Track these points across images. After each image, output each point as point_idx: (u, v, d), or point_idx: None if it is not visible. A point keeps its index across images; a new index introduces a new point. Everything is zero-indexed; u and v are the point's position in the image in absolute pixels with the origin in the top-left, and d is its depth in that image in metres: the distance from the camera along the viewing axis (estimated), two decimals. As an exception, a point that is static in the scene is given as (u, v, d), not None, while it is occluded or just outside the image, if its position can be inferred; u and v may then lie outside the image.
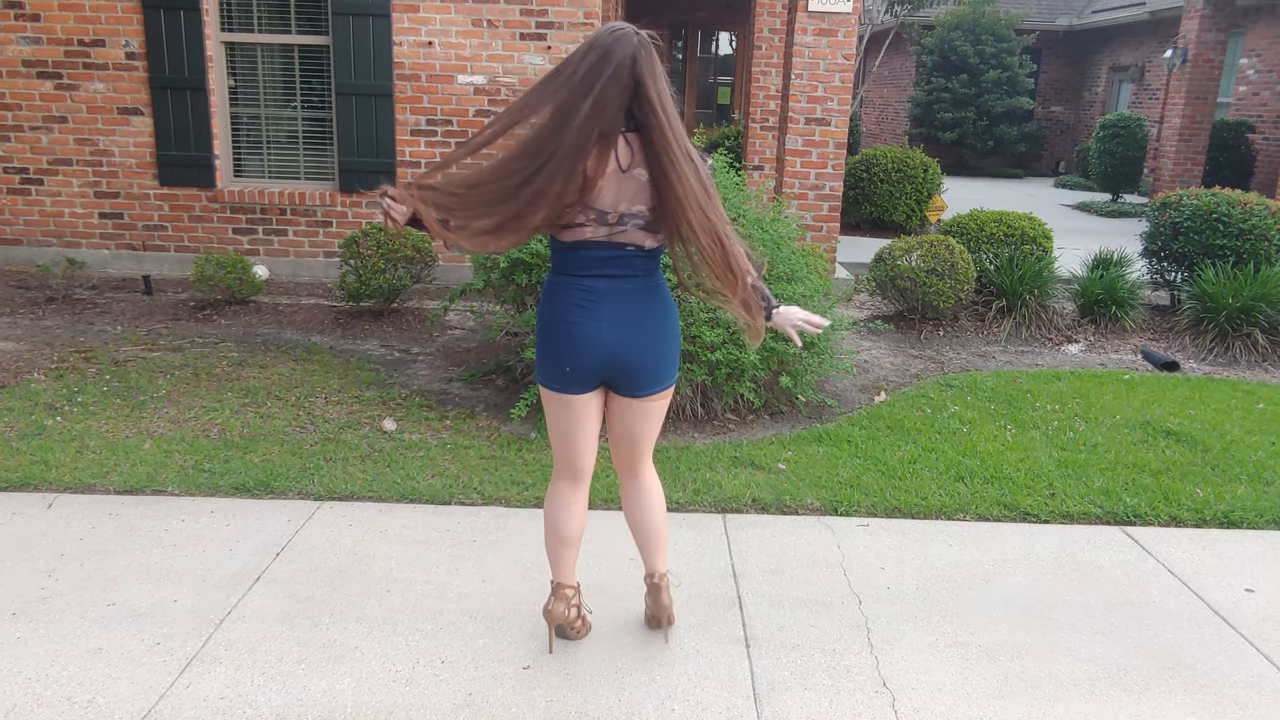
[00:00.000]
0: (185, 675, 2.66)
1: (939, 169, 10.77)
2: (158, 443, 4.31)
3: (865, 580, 3.33)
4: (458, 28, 7.09)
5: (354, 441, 4.39)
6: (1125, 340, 6.73)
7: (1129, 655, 2.93)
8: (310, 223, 7.48)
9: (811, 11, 7.09)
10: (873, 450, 4.47)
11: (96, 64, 7.17)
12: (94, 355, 5.51)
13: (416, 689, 2.63)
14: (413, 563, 3.33)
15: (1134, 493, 4.10)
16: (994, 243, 7.08)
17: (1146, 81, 18.21)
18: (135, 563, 3.28)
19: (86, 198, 7.44)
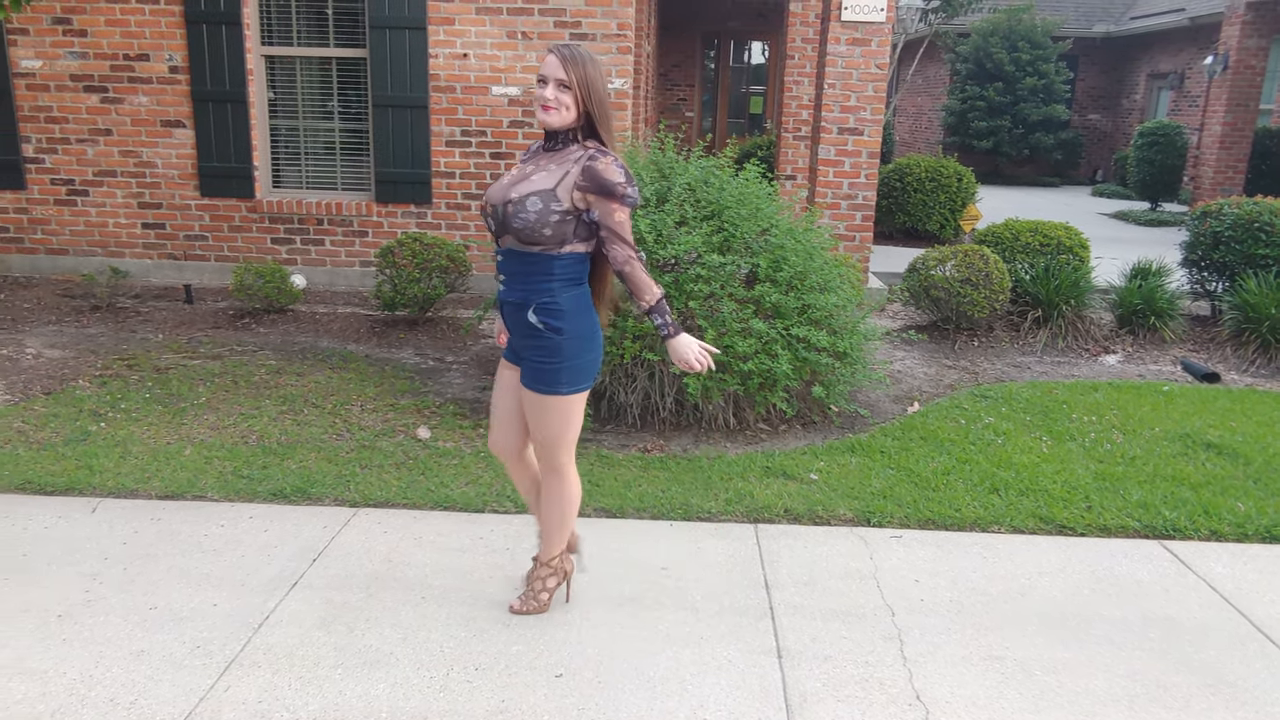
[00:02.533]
0: (225, 678, 2.71)
1: (974, 178, 10.69)
2: (198, 449, 4.38)
3: (898, 592, 3.31)
4: (492, 40, 7.17)
5: (389, 449, 4.45)
6: (1164, 351, 6.64)
7: (1168, 672, 2.88)
8: (346, 232, 7.58)
9: (845, 21, 7.09)
10: (906, 461, 4.44)
11: (141, 78, 7.33)
12: (137, 362, 5.62)
13: (450, 695, 2.66)
14: (447, 570, 3.36)
15: (1173, 506, 4.04)
16: (1029, 252, 7.02)
17: (1186, 88, 17.95)
18: (176, 567, 3.34)
19: (130, 208, 7.60)
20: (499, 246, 2.77)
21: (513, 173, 2.77)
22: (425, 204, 7.50)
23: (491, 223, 2.74)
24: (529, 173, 2.72)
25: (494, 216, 2.72)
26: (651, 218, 4.56)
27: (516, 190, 2.68)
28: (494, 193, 2.75)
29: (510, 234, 2.69)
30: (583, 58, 2.64)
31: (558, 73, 2.61)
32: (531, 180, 2.68)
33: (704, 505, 3.92)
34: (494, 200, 2.73)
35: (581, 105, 2.66)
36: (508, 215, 2.67)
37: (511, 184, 2.72)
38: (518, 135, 7.32)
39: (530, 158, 2.80)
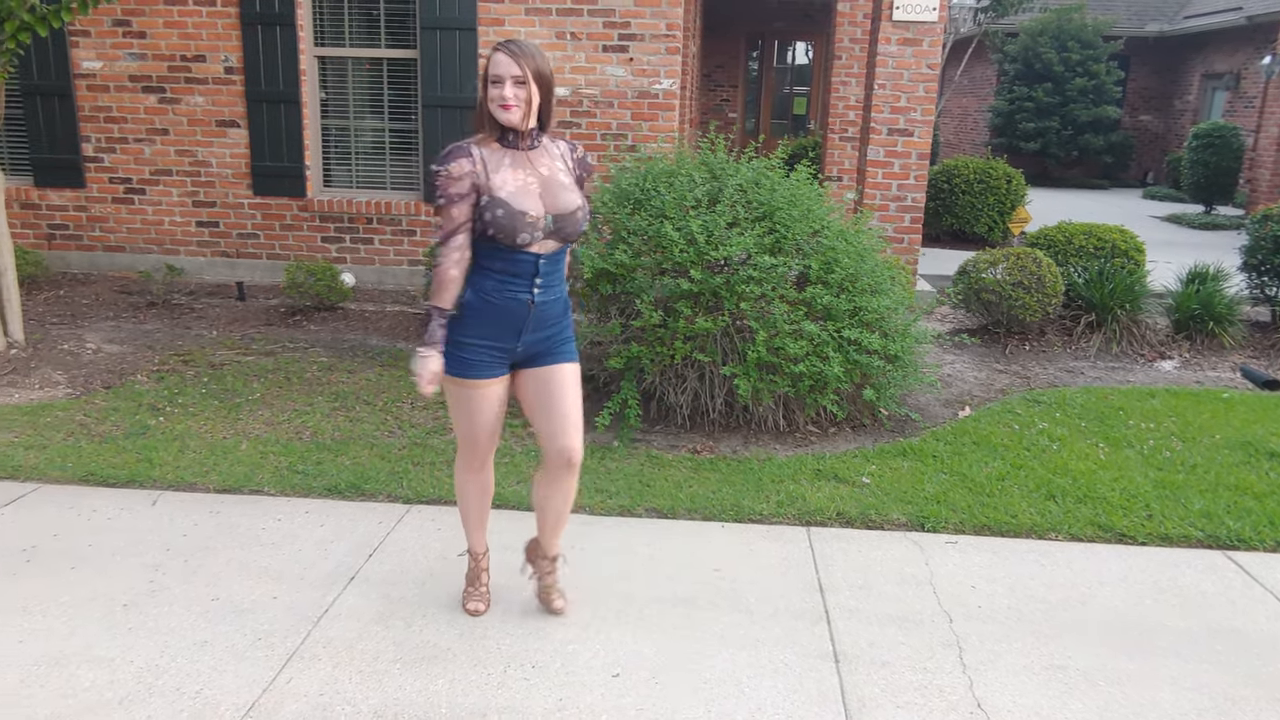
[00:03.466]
0: (286, 671, 2.75)
1: (1023, 180, 10.54)
2: (254, 444, 4.45)
3: (955, 598, 3.27)
4: (541, 40, 7.20)
5: (440, 446, 4.48)
6: (1223, 357, 6.49)
7: (1237, 685, 2.82)
8: (395, 231, 7.66)
9: (896, 21, 7.02)
10: (959, 466, 4.39)
11: (197, 79, 7.47)
12: (192, 358, 5.72)
13: (508, 692, 2.67)
14: (500, 568, 3.37)
15: (1237, 516, 3.95)
16: (1083, 256, 6.91)
17: (1242, 89, 17.55)
18: (236, 560, 3.39)
19: (185, 207, 7.74)
20: (537, 254, 2.69)
21: (517, 177, 2.66)
22: (473, 204, 7.53)
23: (539, 232, 2.65)
24: (546, 175, 2.71)
25: (546, 226, 2.66)
26: (703, 219, 4.55)
27: (566, 198, 2.70)
28: (540, 203, 2.65)
29: (559, 238, 2.71)
30: (531, 50, 2.63)
31: (512, 69, 2.58)
32: (562, 184, 2.72)
33: (755, 507, 3.90)
34: (560, 211, 2.68)
35: (538, 97, 2.65)
36: (573, 222, 2.70)
37: (545, 190, 2.68)
38: (566, 135, 7.34)
39: (514, 161, 2.68)
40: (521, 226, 2.62)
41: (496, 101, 2.61)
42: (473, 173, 2.61)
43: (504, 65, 2.59)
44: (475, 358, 2.75)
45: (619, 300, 4.77)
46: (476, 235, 2.66)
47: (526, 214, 2.63)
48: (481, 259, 2.70)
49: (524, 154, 2.71)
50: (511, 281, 2.70)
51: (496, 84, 2.60)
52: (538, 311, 2.76)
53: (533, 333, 2.79)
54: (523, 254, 2.68)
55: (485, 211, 2.62)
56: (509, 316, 2.73)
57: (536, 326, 2.78)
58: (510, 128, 2.66)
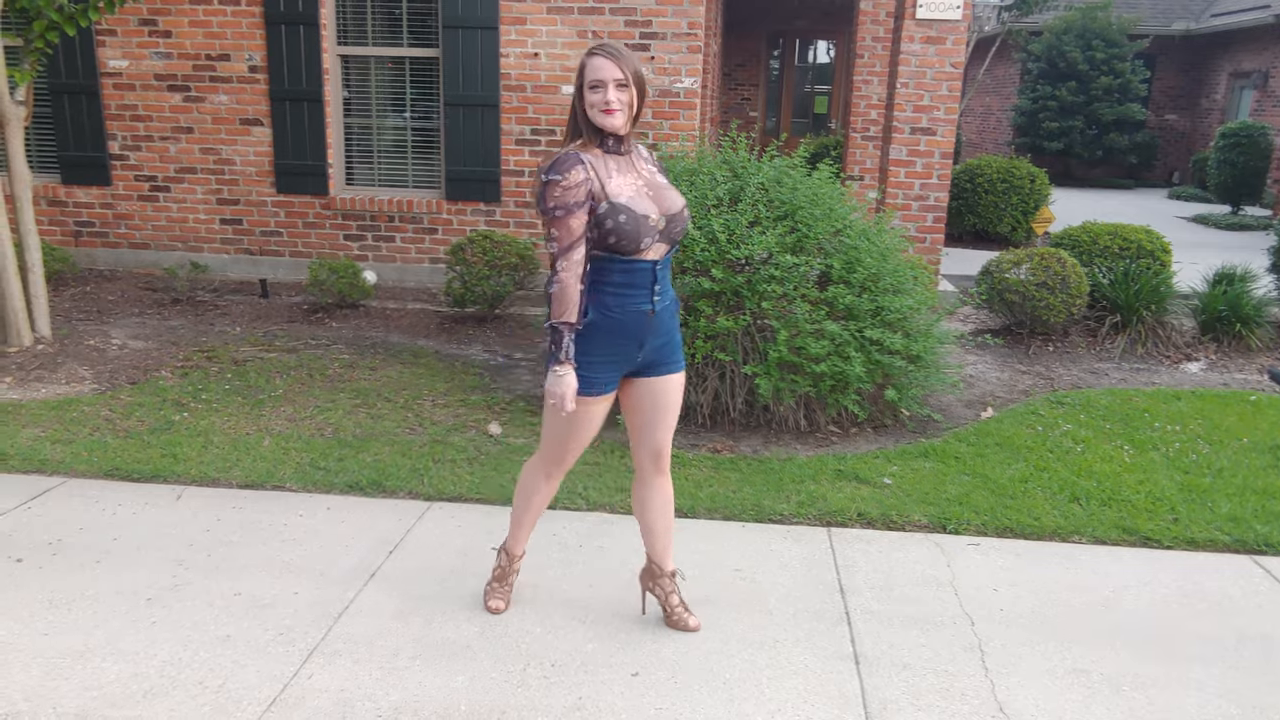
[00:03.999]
0: (307, 666, 2.76)
1: (1046, 179, 10.45)
2: (276, 440, 4.48)
3: (977, 601, 3.24)
4: (563, 39, 7.21)
5: (461, 444, 4.49)
6: (1250, 359, 6.41)
7: (1265, 692, 2.78)
8: (417, 230, 7.69)
9: (920, 19, 6.97)
10: (981, 467, 4.35)
11: (222, 77, 7.52)
12: (216, 355, 5.76)
13: (528, 691, 2.67)
14: (521, 566, 3.37)
15: (1265, 520, 3.89)
16: (1108, 256, 6.84)
17: (1271, 88, 17.31)
18: (258, 555, 3.41)
19: (209, 204, 7.80)
20: (650, 259, 2.63)
21: (628, 182, 2.60)
22: (494, 202, 7.57)
23: (655, 235, 2.59)
24: (649, 178, 2.65)
25: (660, 229, 2.60)
26: (725, 218, 4.54)
27: (672, 198, 2.65)
28: (652, 206, 2.59)
29: (668, 240, 2.65)
30: (627, 51, 2.56)
31: (614, 73, 2.51)
32: (664, 184, 2.67)
33: (776, 507, 3.89)
34: (670, 211, 2.63)
35: (637, 101, 2.58)
36: (680, 221, 2.66)
37: (654, 192, 2.62)
38: (586, 134, 7.33)
39: (619, 165, 2.62)
40: (645, 230, 2.55)
41: (599, 106, 2.53)
42: (588, 180, 2.52)
43: (605, 69, 2.51)
44: (597, 375, 2.67)
45: (639, 299, 4.76)
46: (598, 248, 2.58)
47: (649, 217, 2.56)
48: (596, 275, 2.61)
49: (626, 158, 2.64)
50: (631, 293, 2.63)
51: (597, 89, 2.52)
52: (656, 319, 2.70)
53: (653, 341, 2.73)
54: (640, 262, 2.60)
55: (606, 219, 2.53)
56: (632, 330, 2.66)
57: (655, 334, 2.73)
58: (612, 133, 2.58)
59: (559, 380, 2.61)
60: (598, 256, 2.59)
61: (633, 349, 2.70)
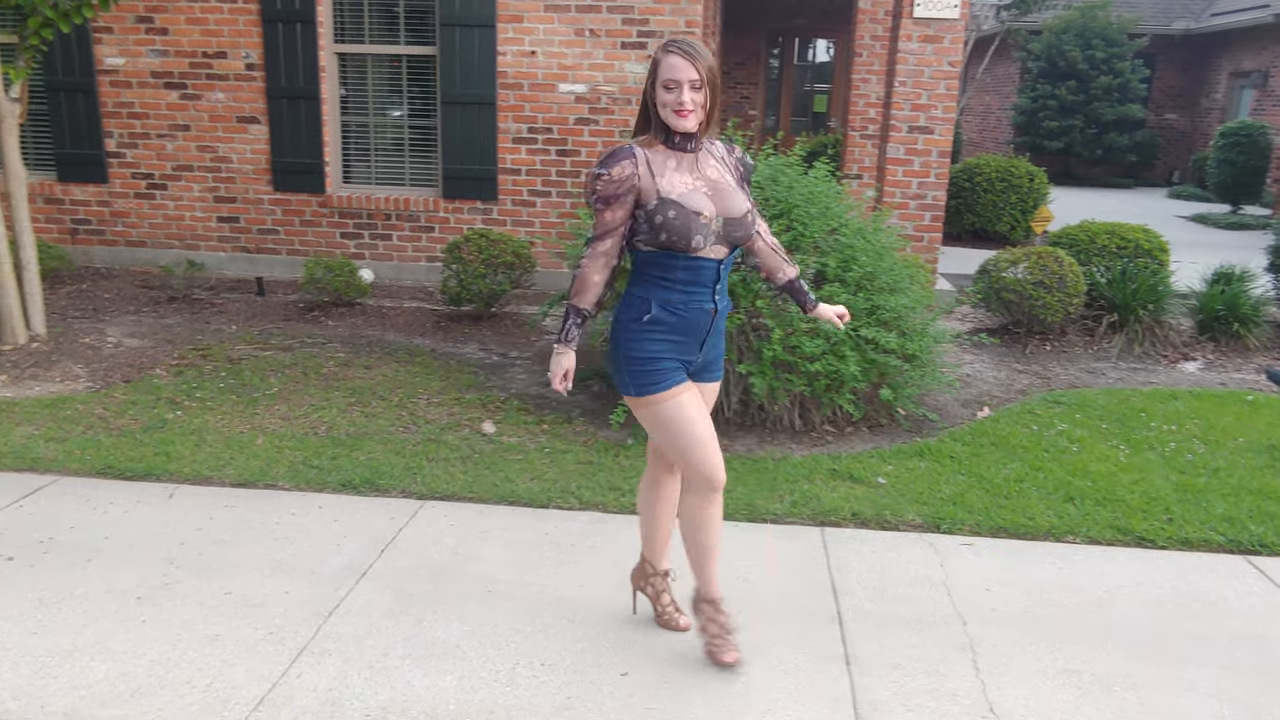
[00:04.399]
0: (296, 665, 2.75)
1: (1045, 179, 10.43)
2: (270, 439, 4.47)
3: (970, 601, 3.23)
4: (560, 37, 7.19)
5: (455, 443, 4.48)
6: (1248, 359, 6.40)
7: (1257, 693, 2.77)
8: (414, 228, 7.67)
9: (917, 18, 6.96)
10: (976, 467, 4.34)
11: (218, 75, 7.51)
12: (211, 353, 5.76)
13: (517, 690, 2.67)
14: (512, 564, 3.37)
15: (1260, 520, 3.88)
16: (1106, 255, 6.82)
17: (1270, 87, 17.29)
18: (249, 554, 3.41)
19: (206, 202, 7.79)
20: (712, 258, 2.56)
21: (685, 180, 2.53)
22: (491, 200, 7.56)
23: (711, 235, 2.53)
24: (714, 179, 2.58)
25: (717, 230, 2.54)
26: (719, 216, 4.52)
27: (735, 201, 2.57)
28: (712, 204, 2.53)
29: (728, 243, 2.58)
30: (702, 49, 2.47)
31: (689, 73, 2.43)
32: (730, 186, 2.59)
33: (769, 507, 3.88)
34: (731, 214, 2.56)
35: (711, 100, 2.50)
36: (743, 226, 2.58)
37: (714, 193, 2.55)
38: (583, 133, 7.33)
39: (680, 164, 2.55)
40: (696, 228, 2.49)
41: (671, 107, 2.46)
42: (634, 175, 2.49)
43: (681, 68, 2.43)
44: (665, 367, 2.61)
45: (634, 298, 4.75)
46: (649, 245, 2.53)
47: (700, 214, 2.50)
48: (660, 271, 2.55)
49: (691, 156, 2.57)
50: (696, 291, 2.57)
51: (671, 88, 2.45)
52: (718, 319, 2.65)
53: (709, 341, 2.67)
54: (704, 260, 2.55)
55: (655, 215, 2.48)
56: (694, 328, 2.61)
57: (713, 335, 2.67)
58: (681, 132, 2.52)
59: (556, 359, 2.64)
60: (657, 254, 2.54)
61: (694, 349, 2.65)
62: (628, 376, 2.62)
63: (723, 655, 2.77)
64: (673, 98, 2.45)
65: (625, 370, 2.62)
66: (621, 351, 2.62)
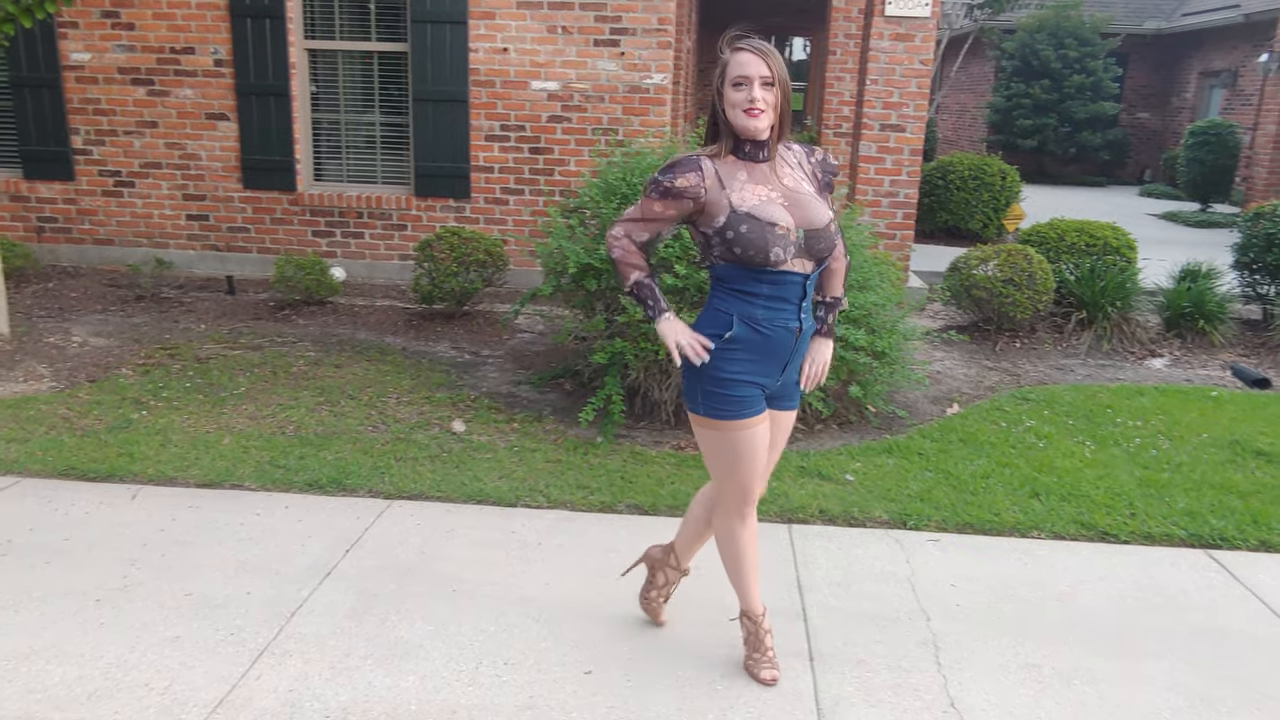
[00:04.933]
0: (256, 666, 2.73)
1: (1018, 176, 10.51)
2: (236, 438, 4.43)
3: (934, 597, 3.25)
4: (533, 34, 7.17)
5: (424, 442, 4.46)
6: (1213, 355, 6.48)
7: (1213, 685, 2.80)
8: (386, 226, 7.63)
9: (889, 16, 6.99)
10: (944, 464, 4.37)
11: (186, 71, 7.43)
12: (178, 352, 5.70)
13: (480, 689, 2.66)
14: (478, 563, 3.36)
15: (1221, 515, 3.93)
16: (1075, 253, 6.88)
17: (1239, 87, 17.51)
18: (212, 554, 3.37)
19: (175, 200, 7.71)
20: (799, 272, 2.43)
21: (758, 192, 2.41)
22: (464, 198, 7.52)
23: (791, 247, 2.39)
24: (790, 187, 2.44)
25: (798, 242, 2.40)
26: (689, 213, 4.52)
27: (816, 211, 2.43)
28: (790, 215, 2.40)
29: (811, 257, 2.43)
30: (773, 48, 2.36)
31: (761, 69, 2.32)
32: (808, 195, 2.45)
33: (737, 504, 3.88)
34: (812, 225, 2.42)
35: (781, 102, 2.38)
36: (825, 238, 2.43)
37: (791, 204, 2.41)
38: (556, 130, 7.31)
39: (753, 175, 2.43)
40: (773, 240, 2.35)
41: (741, 105, 2.34)
42: (699, 187, 2.38)
43: (750, 64, 2.32)
44: (744, 394, 2.47)
45: (604, 295, 4.75)
46: (725, 259, 2.41)
47: (776, 225, 2.36)
48: (742, 284, 2.42)
49: (764, 166, 2.43)
50: (781, 308, 2.43)
51: (741, 86, 2.34)
52: (801, 340, 2.52)
53: (790, 363, 2.54)
54: (790, 275, 2.41)
55: (728, 230, 2.36)
56: (778, 348, 2.47)
57: (795, 357, 2.54)
58: (751, 137, 2.39)
59: (668, 330, 2.47)
60: (738, 270, 2.41)
61: (775, 371, 2.51)
62: (702, 396, 2.49)
63: (759, 672, 2.73)
64: (743, 96, 2.34)
65: (701, 389, 2.48)
66: (701, 369, 2.47)
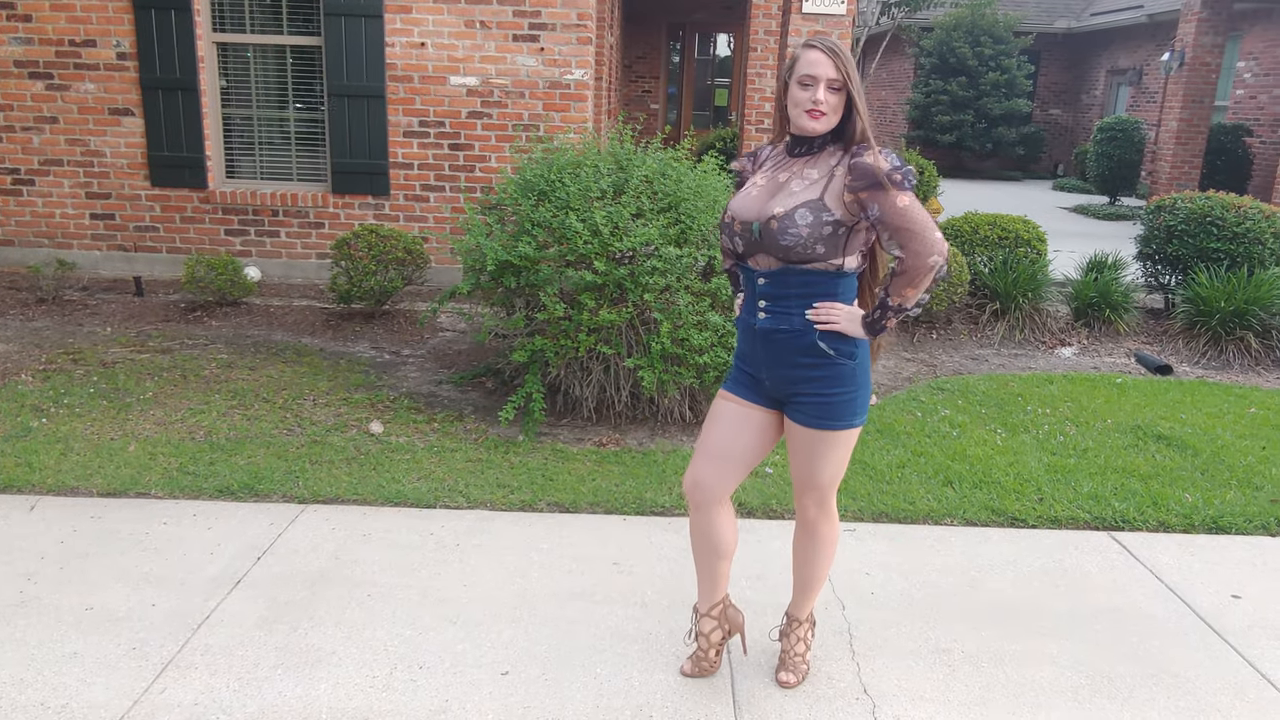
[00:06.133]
0: (160, 680, 2.64)
1: (935, 171, 10.74)
2: (143, 445, 4.28)
3: (849, 586, 3.31)
4: (450, 29, 7.07)
5: (340, 444, 4.37)
6: (1119, 343, 6.72)
7: (1113, 662, 2.90)
8: (303, 224, 7.46)
9: (806, 13, 7.08)
10: (861, 454, 4.45)
11: (88, 64, 7.15)
12: (82, 357, 5.49)
13: (394, 694, 2.61)
14: (395, 566, 3.31)
15: (1123, 498, 4.08)
16: (988, 245, 7.06)
17: (1144, 84, 18.19)
18: (115, 566, 3.26)
19: (78, 198, 7.42)
20: (754, 268, 2.44)
21: (758, 182, 2.44)
22: (383, 195, 7.39)
23: (739, 241, 2.41)
24: (783, 181, 2.40)
25: (742, 235, 2.39)
26: (608, 210, 4.52)
27: (779, 204, 2.35)
28: (743, 207, 2.41)
29: (770, 253, 2.37)
30: (846, 52, 2.33)
31: (829, 71, 2.28)
32: (792, 191, 2.36)
33: (658, 500, 3.89)
34: (745, 216, 2.39)
35: (844, 106, 2.34)
36: (770, 232, 2.34)
37: (767, 196, 2.38)
38: (476, 126, 7.23)
39: (776, 164, 2.46)
40: (726, 231, 2.44)
41: (803, 105, 2.31)
42: (741, 173, 2.54)
43: (820, 64, 2.29)
44: (735, 372, 2.59)
45: (523, 293, 4.71)
46: None
47: (734, 220, 2.41)
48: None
49: (800, 160, 2.41)
50: (749, 301, 2.49)
51: (807, 85, 2.31)
52: (766, 340, 2.44)
53: (768, 366, 2.47)
54: (750, 270, 2.44)
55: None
56: (746, 338, 2.52)
57: (770, 360, 2.46)
58: (806, 135, 2.36)
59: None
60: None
61: (756, 364, 2.51)
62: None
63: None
64: (807, 95, 2.31)
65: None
66: None
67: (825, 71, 2.29)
